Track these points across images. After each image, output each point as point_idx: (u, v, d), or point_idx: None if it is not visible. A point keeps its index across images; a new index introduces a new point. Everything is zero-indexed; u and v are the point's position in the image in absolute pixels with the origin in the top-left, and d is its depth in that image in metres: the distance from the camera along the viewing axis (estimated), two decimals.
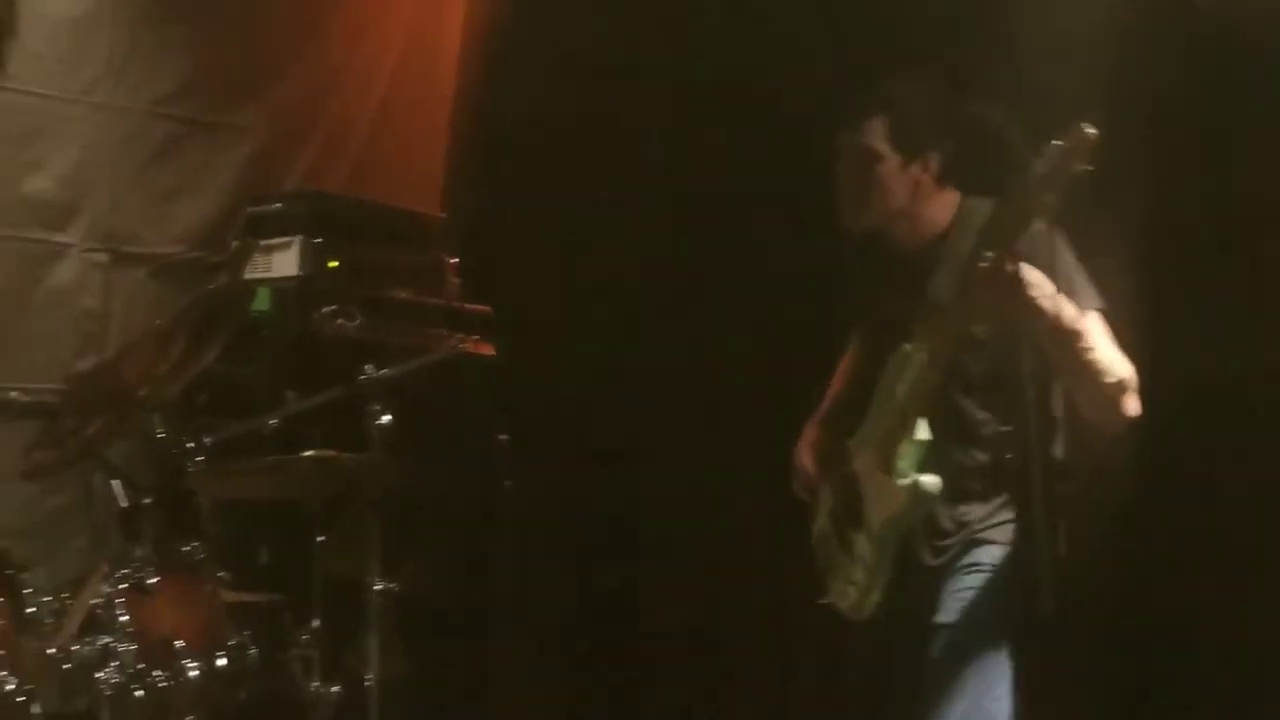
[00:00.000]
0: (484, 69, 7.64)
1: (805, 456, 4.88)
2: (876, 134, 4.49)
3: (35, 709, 4.47)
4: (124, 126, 6.85)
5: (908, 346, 4.43)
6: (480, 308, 6.88)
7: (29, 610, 4.52)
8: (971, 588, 4.40)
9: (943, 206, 4.55)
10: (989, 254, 4.08)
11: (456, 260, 6.92)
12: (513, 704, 6.97)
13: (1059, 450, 4.34)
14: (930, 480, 4.37)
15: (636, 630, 7.03)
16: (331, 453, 5.28)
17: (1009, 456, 4.40)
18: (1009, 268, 4.07)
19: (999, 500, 4.45)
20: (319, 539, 5.36)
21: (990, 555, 4.42)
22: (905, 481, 4.37)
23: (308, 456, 5.28)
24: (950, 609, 4.41)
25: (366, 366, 5.22)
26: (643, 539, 7.03)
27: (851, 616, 4.62)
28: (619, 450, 7.08)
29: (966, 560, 4.44)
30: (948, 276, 4.38)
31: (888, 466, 4.42)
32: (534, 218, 7.25)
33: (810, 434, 4.93)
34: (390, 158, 7.56)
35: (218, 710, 5.06)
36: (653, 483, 6.97)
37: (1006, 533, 4.42)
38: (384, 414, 5.17)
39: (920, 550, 4.47)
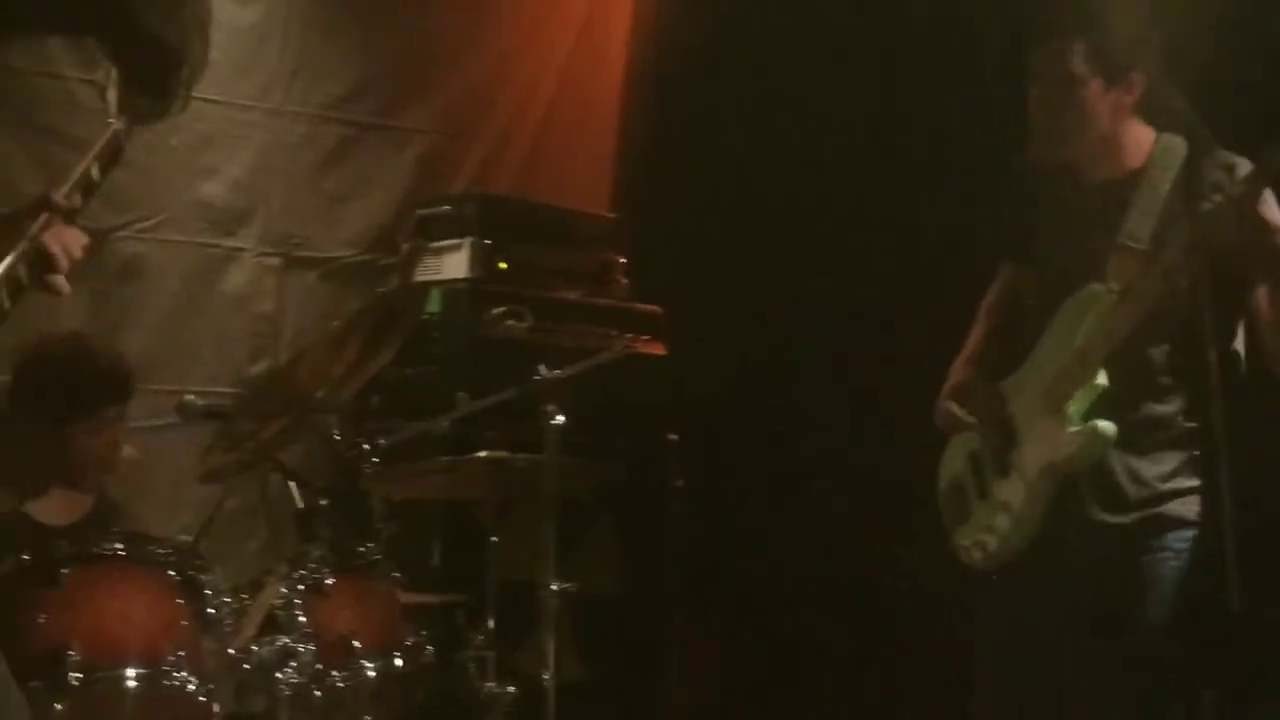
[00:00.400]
0: (652, 66, 7.63)
1: (951, 397, 4.68)
2: (1078, 56, 4.29)
3: (215, 708, 4.50)
4: (296, 131, 6.93)
5: (1096, 287, 4.28)
6: (650, 307, 6.87)
7: (209, 611, 4.55)
8: (1160, 576, 4.24)
9: (1139, 140, 4.36)
10: (1219, 196, 3.96)
11: (626, 260, 6.92)
12: (688, 704, 6.95)
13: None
14: (1107, 426, 4.22)
15: (810, 627, 6.98)
16: (504, 453, 5.29)
17: (1190, 414, 4.26)
18: (1254, 211, 3.92)
19: (1178, 459, 4.29)
20: (492, 540, 5.36)
21: (1182, 540, 4.24)
22: (1078, 427, 4.25)
23: (481, 457, 5.29)
24: (1125, 587, 4.24)
25: (540, 367, 5.22)
26: (814, 537, 6.98)
27: (982, 566, 4.48)
28: (789, 447, 7.05)
29: (1157, 541, 4.26)
30: (1145, 217, 4.24)
31: (1056, 410, 4.30)
32: (703, 216, 7.23)
33: (956, 373, 4.71)
34: (558, 158, 7.57)
35: (394, 711, 5.08)
36: (824, 479, 6.92)
37: (1193, 506, 4.25)
38: (557, 414, 5.16)
39: (1088, 505, 4.31)
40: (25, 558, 4.49)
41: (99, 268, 6.18)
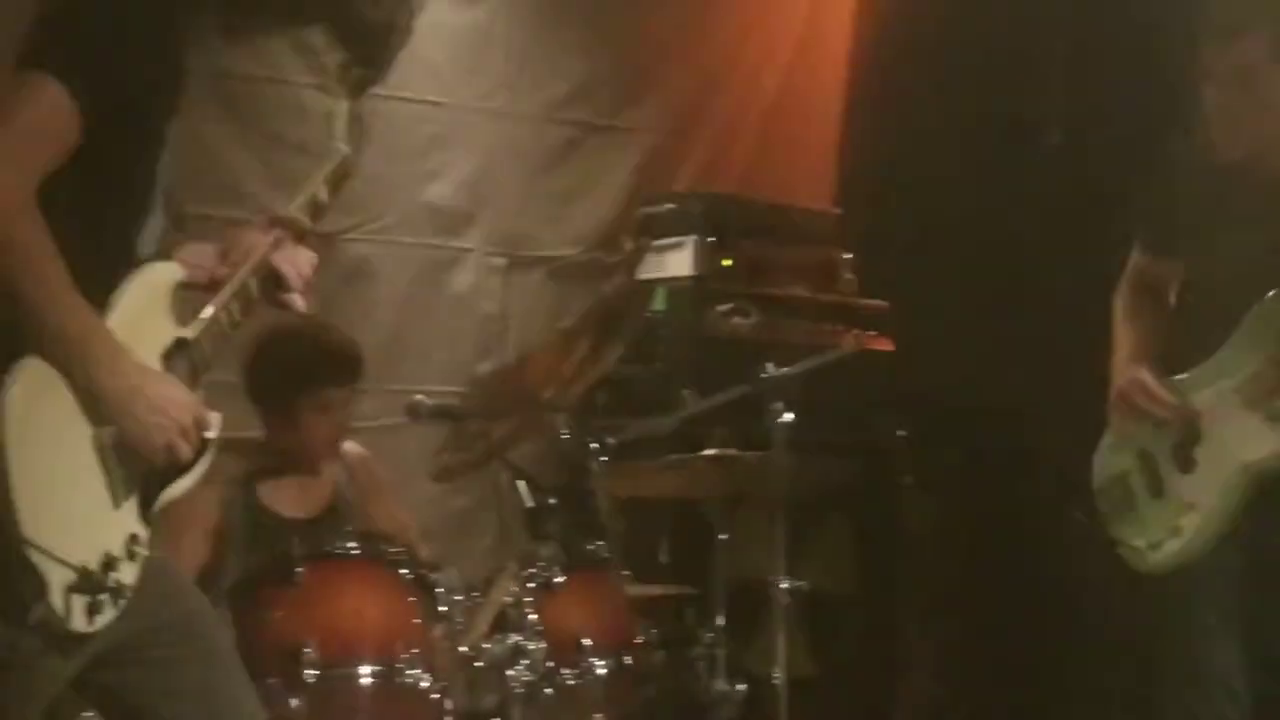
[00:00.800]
0: (876, 59, 7.58)
1: (1130, 393, 4.60)
2: (1258, 49, 4.19)
3: (448, 705, 4.54)
4: (520, 132, 6.97)
5: None
6: (877, 303, 6.82)
7: (441, 609, 4.58)
8: None
9: None
10: None
11: (852, 255, 6.87)
12: (920, 701, 6.90)
13: None
14: None
15: (1042, 624, 6.88)
16: (733, 451, 5.27)
17: None
18: None
19: None
20: (721, 537, 5.34)
21: None
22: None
23: (709, 455, 5.28)
24: None
25: (768, 365, 5.19)
26: (1045, 531, 6.88)
27: (1152, 567, 4.40)
28: (1018, 441, 6.97)
29: None
30: None
31: (1254, 408, 4.21)
32: (929, 209, 7.16)
33: (1128, 369, 4.56)
34: (782, 154, 7.54)
35: (624, 708, 5.08)
36: (1054, 473, 6.82)
37: None
38: (785, 412, 5.13)
39: None
40: (264, 556, 4.58)
41: (328, 269, 6.23)
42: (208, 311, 3.27)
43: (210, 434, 3.24)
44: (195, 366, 3.22)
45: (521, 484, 4.95)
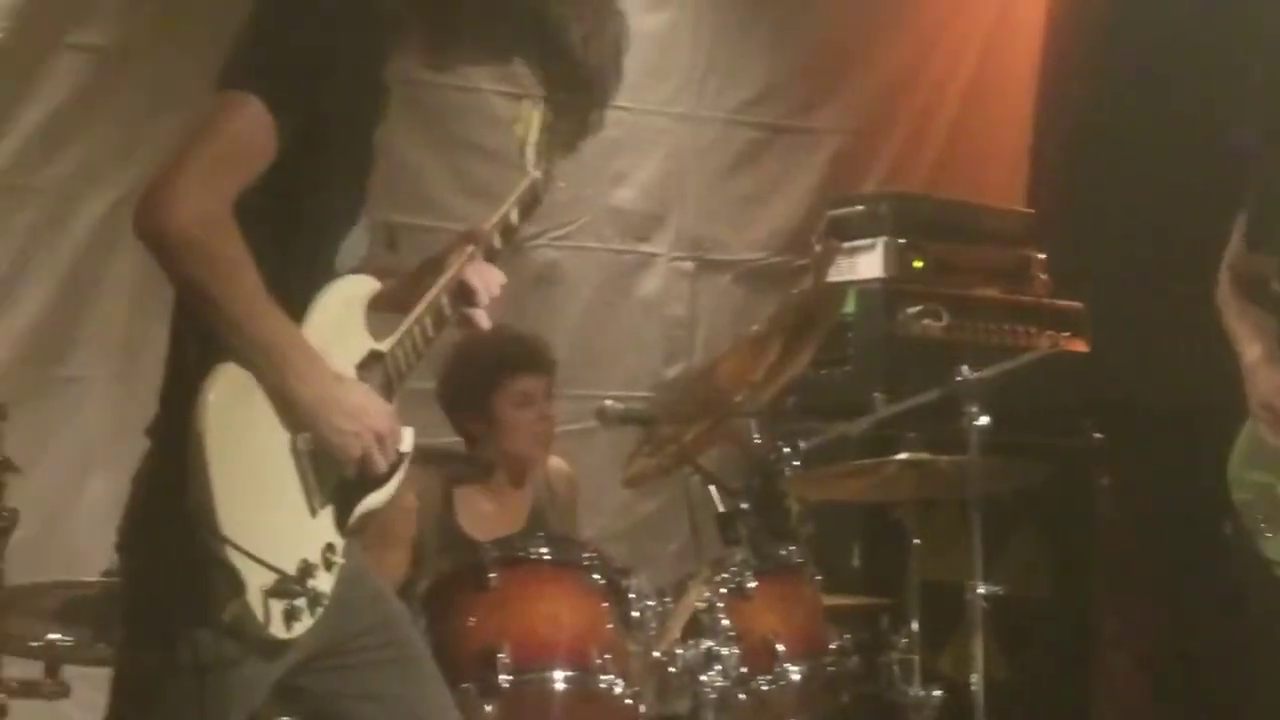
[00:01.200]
0: (1067, 57, 7.48)
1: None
2: None
3: (641, 710, 4.54)
4: (706, 135, 6.97)
5: None
6: (1071, 303, 6.73)
7: (633, 614, 4.58)
8: None
9: None
10: None
11: (1044, 255, 6.78)
12: (1116, 707, 6.81)
13: None
14: None
15: (1242, 630, 6.75)
16: (925, 455, 5.22)
17: None
18: None
19: None
20: (914, 542, 5.29)
21: None
22: None
23: (901, 459, 5.23)
24: None
25: (962, 368, 5.13)
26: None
27: None
28: (1215, 445, 6.84)
29: None
30: None
31: None
32: (1124, 210, 7.06)
33: (1269, 374, 4.54)
34: (972, 154, 7.48)
35: (818, 714, 5.05)
36: None
37: None
38: (980, 415, 5.07)
39: None
40: (458, 562, 4.60)
41: (516, 276, 6.25)
42: (403, 326, 3.29)
43: (404, 448, 3.25)
44: (390, 379, 3.24)
45: (712, 488, 4.95)
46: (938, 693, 5.13)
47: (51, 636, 4.48)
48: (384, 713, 3.28)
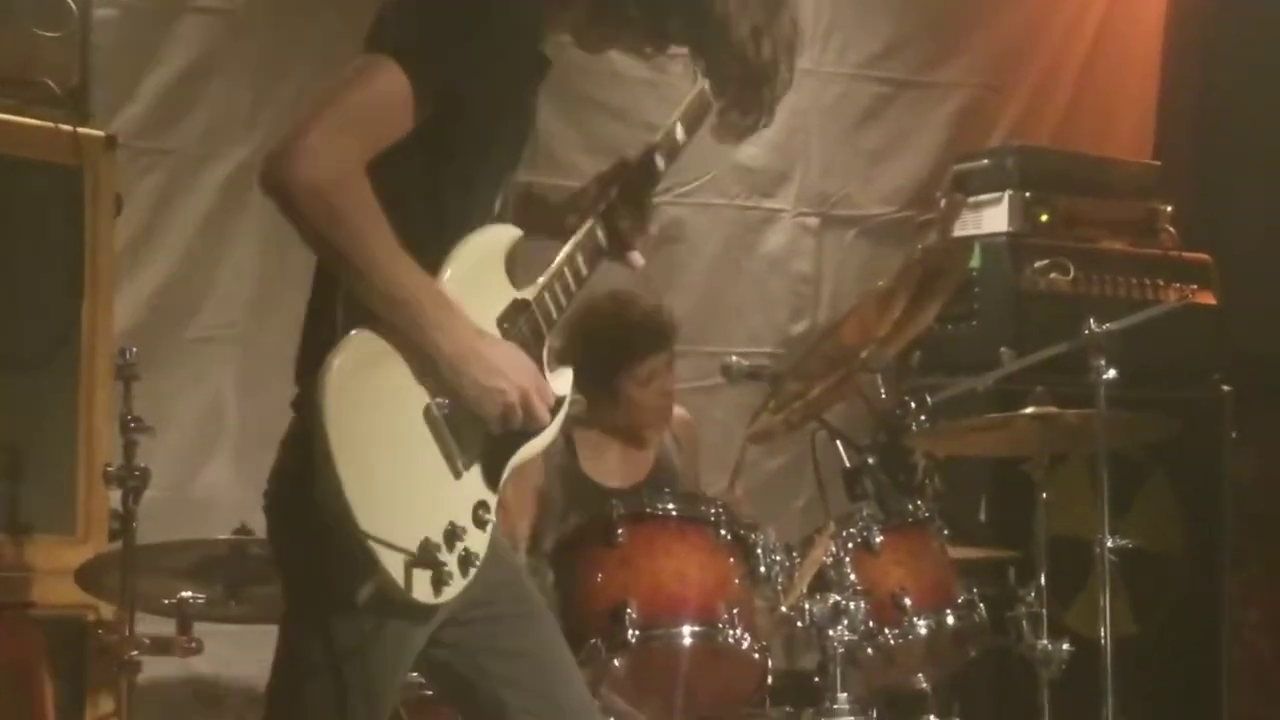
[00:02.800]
0: (1196, 8, 7.40)
1: None
2: None
3: (769, 665, 4.55)
4: (832, 91, 6.96)
5: None
6: (1199, 256, 6.66)
7: (760, 569, 4.59)
8: None
9: None
10: None
11: (1171, 208, 6.72)
12: (1247, 661, 6.76)
13: None
14: None
15: None
16: (1053, 409, 5.19)
17: None
18: None
19: None
20: (1043, 496, 5.27)
21: None
22: None
23: (1029, 413, 5.21)
24: None
25: (1089, 320, 5.10)
26: None
27: None
28: None
29: None
30: None
31: None
32: (1252, 161, 6.98)
33: None
34: (1099, 107, 7.42)
35: (947, 668, 5.06)
36: None
37: None
38: (1108, 369, 5.04)
39: None
40: (585, 518, 4.63)
41: None
42: (550, 269, 3.28)
43: (561, 392, 3.26)
44: (538, 326, 3.23)
45: (839, 444, 4.95)
46: (1066, 647, 5.11)
47: (183, 594, 4.52)
48: (512, 668, 3.29)
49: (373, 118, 2.98)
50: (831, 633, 4.59)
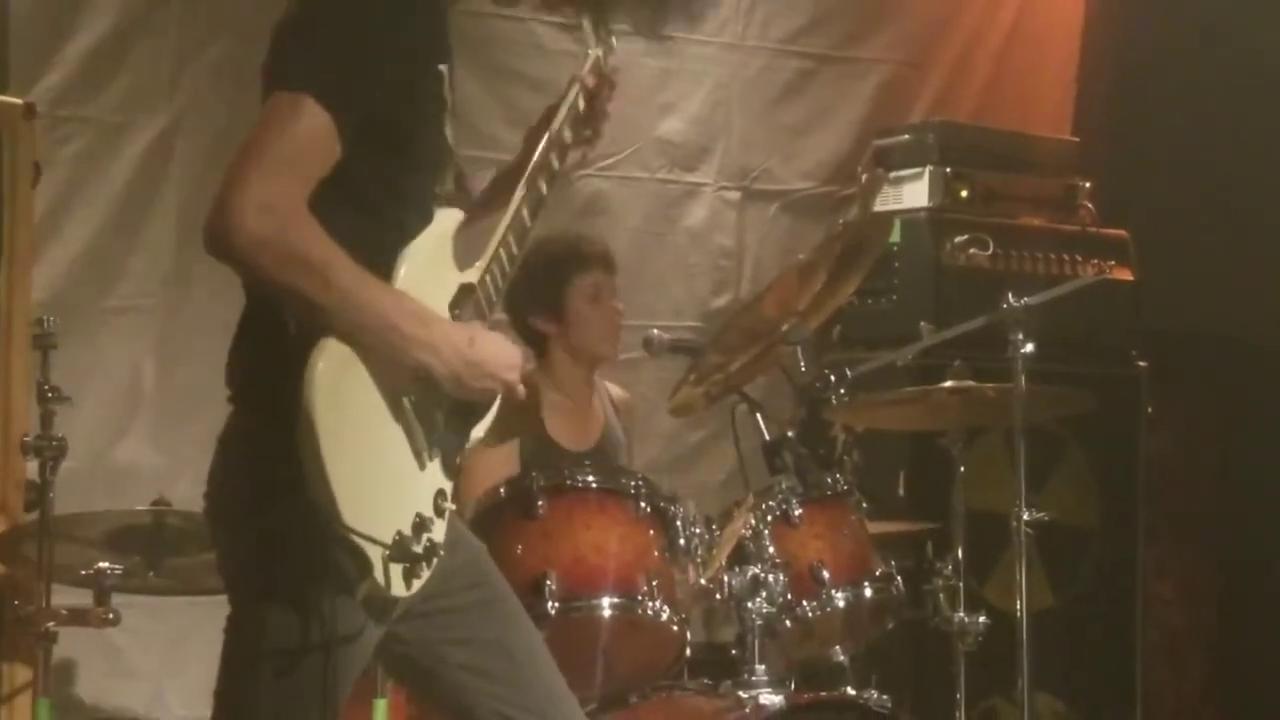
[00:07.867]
0: None
1: None
2: None
3: (687, 637, 4.57)
4: (753, 65, 6.97)
5: None
6: (1116, 232, 6.71)
7: (680, 542, 4.60)
8: None
9: None
10: None
11: (1090, 184, 6.76)
12: (1161, 634, 6.83)
13: None
14: None
15: None
16: (971, 383, 5.23)
17: None
18: None
19: None
20: (960, 470, 5.31)
21: None
22: None
23: (947, 387, 5.24)
24: None
25: (1008, 295, 5.13)
26: None
27: None
28: (1260, 373, 6.86)
29: None
30: None
31: None
32: (1169, 140, 7.03)
33: None
34: (1019, 83, 7.45)
35: (864, 640, 5.09)
36: None
37: None
38: (1026, 343, 5.07)
39: None
40: (501, 490, 4.62)
41: (562, 207, 6.30)
42: (487, 252, 3.28)
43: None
44: (482, 308, 3.22)
45: (759, 417, 4.95)
46: (982, 620, 5.15)
47: (100, 565, 4.50)
48: (476, 655, 3.27)
49: (303, 156, 2.94)
50: (750, 605, 4.61)
